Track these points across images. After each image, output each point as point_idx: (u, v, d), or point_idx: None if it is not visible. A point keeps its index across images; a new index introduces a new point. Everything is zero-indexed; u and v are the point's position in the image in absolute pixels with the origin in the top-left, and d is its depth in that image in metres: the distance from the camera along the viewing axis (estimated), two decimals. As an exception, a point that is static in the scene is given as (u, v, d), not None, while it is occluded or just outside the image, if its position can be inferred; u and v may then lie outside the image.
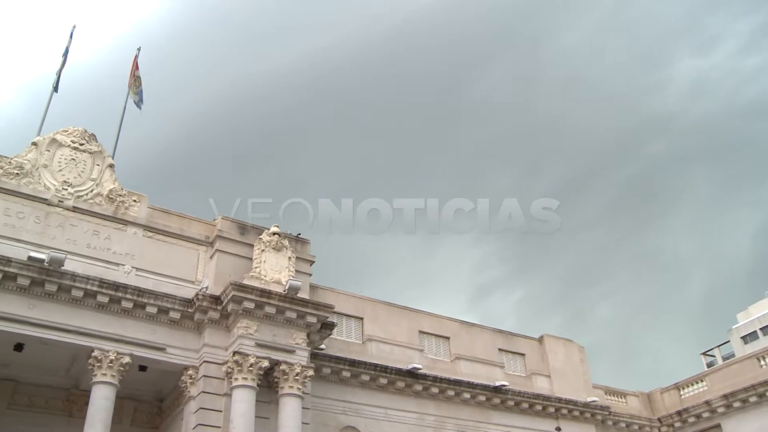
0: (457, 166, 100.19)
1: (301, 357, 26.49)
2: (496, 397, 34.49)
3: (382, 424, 31.01)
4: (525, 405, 35.37)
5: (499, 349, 37.42)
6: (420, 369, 32.38)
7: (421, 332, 35.04)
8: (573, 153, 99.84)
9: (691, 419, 40.38)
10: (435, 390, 32.79)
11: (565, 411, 36.71)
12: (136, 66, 33.15)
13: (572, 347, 40.16)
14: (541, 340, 39.43)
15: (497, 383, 34.54)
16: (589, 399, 37.66)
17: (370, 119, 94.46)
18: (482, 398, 34.18)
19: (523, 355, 38.33)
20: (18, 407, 27.30)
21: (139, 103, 32.84)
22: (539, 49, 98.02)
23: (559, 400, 36.60)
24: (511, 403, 34.96)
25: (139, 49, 33.53)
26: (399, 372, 31.93)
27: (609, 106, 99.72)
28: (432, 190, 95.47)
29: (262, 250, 27.88)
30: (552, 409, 36.36)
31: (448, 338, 35.83)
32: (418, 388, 32.39)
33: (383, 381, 31.49)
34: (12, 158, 26.34)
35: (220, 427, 24.82)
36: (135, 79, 32.89)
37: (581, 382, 38.68)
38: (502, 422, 34.57)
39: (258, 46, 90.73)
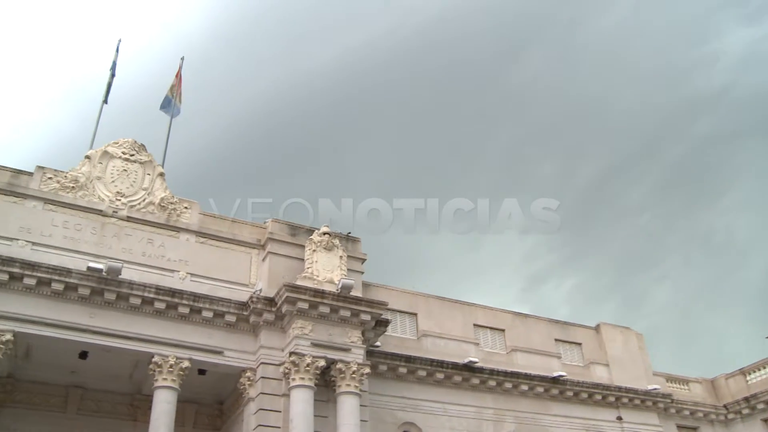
0: (501, 157, 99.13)
1: (357, 355, 26.58)
2: (555, 387, 34.10)
3: (441, 419, 30.93)
4: (584, 395, 34.87)
5: (556, 340, 36.95)
6: (476, 362, 32.18)
7: (475, 325, 34.81)
8: (618, 135, 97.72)
9: (761, 405, 39.14)
10: (492, 383, 32.57)
11: (625, 400, 36.05)
12: (179, 76, 33.67)
13: (630, 335, 39.45)
14: (597, 328, 38.84)
15: (555, 374, 34.13)
16: (650, 387, 36.92)
17: (412, 114, 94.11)
18: (540, 389, 33.83)
19: (579, 344, 37.78)
20: (86, 412, 28.23)
21: (172, 110, 33.09)
22: (578, 31, 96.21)
23: (619, 389, 35.97)
24: (569, 393, 34.52)
25: (182, 59, 34.07)
26: (455, 366, 31.79)
27: (653, 85, 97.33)
28: (478, 182, 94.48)
29: (314, 251, 28.07)
30: (612, 399, 35.76)
31: (503, 330, 35.54)
32: (475, 381, 32.21)
33: (440, 376, 31.38)
34: (67, 172, 27.11)
35: (279, 427, 25.09)
36: (177, 89, 33.37)
37: (641, 370, 37.97)
38: (561, 413, 34.17)
39: (298, 46, 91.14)
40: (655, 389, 36.96)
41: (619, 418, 35.02)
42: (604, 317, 65.72)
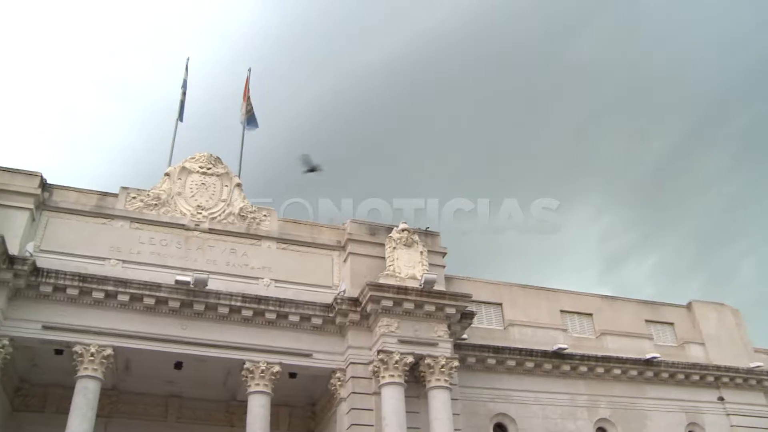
0: (566, 138, 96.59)
1: (445, 349, 26.49)
2: (649, 370, 33.13)
3: (534, 408, 30.54)
4: (681, 376, 33.77)
5: (646, 321, 35.87)
6: (566, 349, 31.62)
7: (562, 311, 34.16)
8: (691, 103, 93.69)
9: None
10: (584, 369, 31.90)
11: (726, 379, 34.61)
12: (247, 87, 34.27)
13: (725, 311, 37.96)
14: (689, 306, 37.52)
15: (648, 356, 33.16)
16: (752, 365, 35.35)
17: (470, 103, 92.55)
18: (634, 372, 32.94)
19: (671, 324, 36.60)
20: (185, 420, 29.18)
21: (246, 122, 33.75)
22: (634, 2, 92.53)
23: (718, 368, 34.62)
24: (665, 375, 33.48)
25: (249, 70, 34.65)
26: (545, 354, 31.30)
27: (724, 48, 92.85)
28: (545, 166, 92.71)
29: (394, 248, 28.13)
30: (711, 378, 34.43)
31: (590, 315, 34.78)
32: (566, 368, 31.63)
33: (530, 365, 30.97)
34: (149, 190, 28.07)
35: (373, 426, 25.22)
36: (247, 100, 34.00)
37: (740, 347, 36.46)
38: (657, 396, 33.17)
39: (350, 44, 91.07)
40: (758, 366, 35.32)
41: (721, 399, 33.79)
42: (692, 294, 63.72)
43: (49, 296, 24.67)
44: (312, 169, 31.78)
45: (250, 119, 33.78)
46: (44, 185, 26.57)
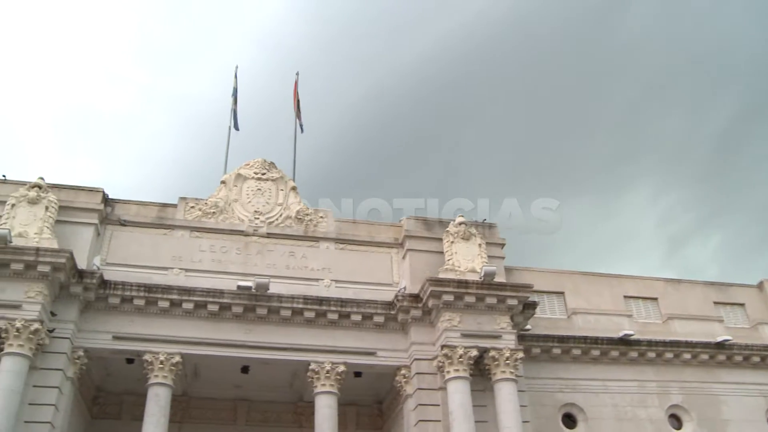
0: (621, 119, 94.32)
1: (509, 341, 26.28)
2: (721, 353, 32.15)
3: (602, 397, 30.02)
4: (756, 358, 32.59)
5: (714, 302, 34.86)
6: (632, 335, 30.97)
7: (626, 297, 33.49)
8: (749, 72, 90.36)
9: None
10: (652, 354, 31.20)
11: (806, 359, 33.32)
12: (296, 91, 34.61)
13: (800, 288, 36.57)
14: (760, 286, 36.25)
15: (719, 339, 32.22)
16: (832, 343, 33.96)
17: (518, 91, 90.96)
18: (705, 357, 32.02)
19: (742, 305, 35.45)
20: (254, 423, 29.68)
21: (295, 126, 34.19)
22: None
23: (797, 348, 33.29)
24: (738, 358, 32.42)
25: (297, 74, 34.94)
26: (610, 341, 30.75)
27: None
28: (599, 149, 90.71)
29: (452, 242, 28.04)
30: (790, 360, 33.11)
31: (655, 299, 33.98)
32: (633, 355, 30.99)
33: (595, 353, 30.47)
34: (207, 199, 28.65)
35: (440, 421, 25.19)
36: (297, 104, 34.36)
37: (817, 326, 35.04)
38: (732, 380, 32.12)
39: (394, 39, 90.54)
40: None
41: (801, 380, 32.51)
42: (761, 273, 61.70)
43: (117, 307, 25.48)
44: None
45: (299, 122, 34.22)
46: (106, 200, 27.35)
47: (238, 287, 25.74)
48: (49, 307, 24.03)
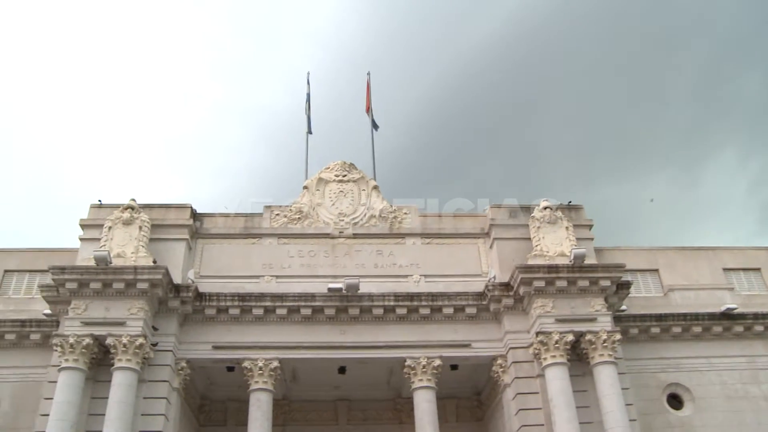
0: (697, 85, 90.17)
1: (604, 323, 25.70)
2: (835, 320, 30.45)
3: (708, 375, 28.92)
4: None
5: (824, 268, 33.04)
6: (735, 308, 29.69)
7: (725, 269, 32.08)
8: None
9: None
10: (759, 328, 29.75)
11: None
12: (369, 90, 34.80)
13: None
14: None
15: (831, 305, 30.56)
16: None
17: (584, 64, 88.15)
18: (818, 326, 30.39)
19: None
20: (355, 422, 30.19)
21: (371, 125, 34.44)
22: None
23: None
24: None
25: (369, 74, 35.07)
26: (712, 317, 29.56)
27: None
28: (676, 121, 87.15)
29: (538, 227, 27.66)
30: None
31: (758, 270, 32.36)
32: (739, 329, 29.68)
33: (697, 329, 29.37)
34: (291, 205, 29.23)
35: (540, 409, 24.91)
36: (369, 103, 34.56)
37: None
38: None
39: (456, 27, 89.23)
40: None
41: None
42: None
43: (214, 318, 26.32)
44: None
45: (374, 121, 34.46)
46: (195, 215, 28.21)
47: (329, 289, 26.15)
48: (151, 322, 25.08)
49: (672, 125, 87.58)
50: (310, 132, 33.88)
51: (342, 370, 27.22)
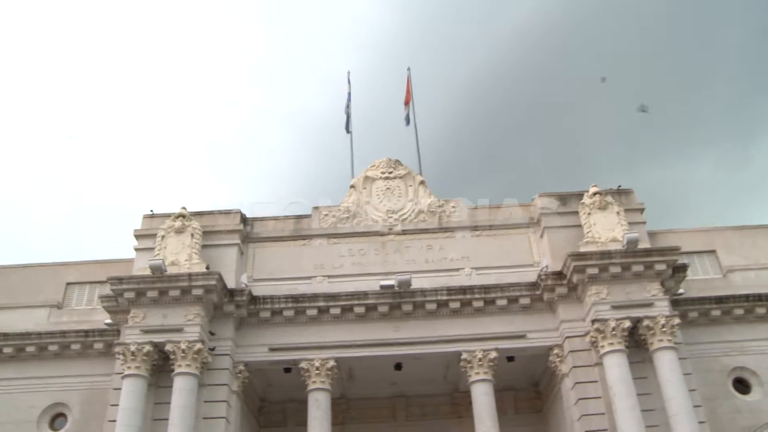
0: (741, 64, 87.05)
1: (662, 308, 25.22)
2: None
3: (777, 358, 28.02)
4: None
5: None
6: (800, 287, 28.75)
7: (789, 247, 31.08)
8: None
9: None
10: (826, 305, 28.82)
11: None
12: (409, 85, 34.76)
13: None
14: None
15: None
16: None
17: (631, 46, 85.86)
18: None
19: None
20: (414, 418, 30.22)
21: (407, 120, 34.42)
22: None
23: None
24: None
25: (409, 69, 35.06)
26: (777, 296, 28.64)
27: None
28: (724, 93, 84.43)
29: (588, 214, 27.25)
30: None
31: (826, 244, 31.26)
32: (808, 308, 28.66)
33: (761, 311, 28.33)
34: (339, 206, 29.46)
35: (600, 397, 24.59)
36: (408, 98, 34.53)
37: None
38: None
39: (493, 11, 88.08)
40: None
41: None
42: None
43: (269, 320, 26.67)
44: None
45: (408, 116, 34.42)
46: (244, 220, 28.56)
47: (381, 287, 26.24)
48: (208, 327, 25.55)
49: (718, 102, 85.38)
50: (348, 131, 34.04)
51: (398, 366, 27.27)
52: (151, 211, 28.71)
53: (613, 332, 24.57)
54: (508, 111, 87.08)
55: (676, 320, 25.01)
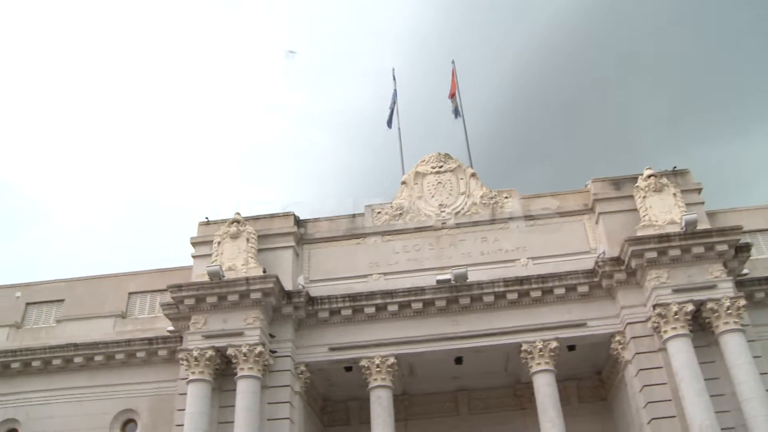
0: None
1: (726, 289, 24.61)
2: None
3: None
4: None
5: None
6: None
7: None
8: None
9: None
10: None
11: None
12: (454, 78, 34.65)
13: None
14: None
15: None
16: None
17: (676, 27, 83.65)
18: None
19: None
20: (477, 411, 30.12)
21: (455, 111, 34.31)
22: None
23: None
24: None
25: (453, 62, 34.90)
26: None
27: None
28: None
29: (644, 197, 26.73)
30: None
31: None
32: None
33: (831, 287, 27.50)
34: (391, 203, 29.50)
35: (666, 384, 24.13)
36: (453, 90, 34.43)
37: None
38: None
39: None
40: None
41: None
42: None
43: (327, 320, 26.91)
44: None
45: (456, 109, 34.33)
46: (298, 222, 28.86)
47: (438, 281, 26.24)
48: (267, 330, 25.93)
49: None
50: (390, 127, 34.18)
51: (459, 360, 27.23)
52: (206, 218, 29.24)
53: (676, 316, 24.08)
54: (551, 98, 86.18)
55: (742, 301, 24.33)
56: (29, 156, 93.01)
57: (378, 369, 25.87)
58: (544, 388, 25.25)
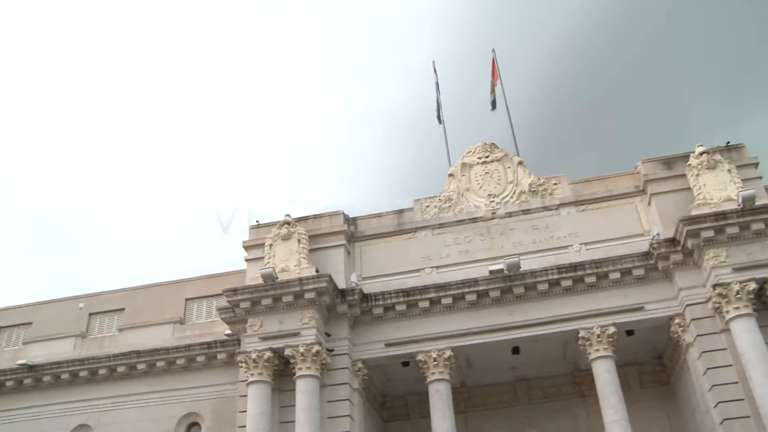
0: None
1: (791, 265, 23.92)
2: None
3: None
4: None
5: None
6: None
7: None
8: None
9: None
10: None
11: None
12: (494, 66, 34.33)
13: None
14: None
15: None
16: None
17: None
18: None
19: None
20: (536, 400, 29.90)
21: (492, 103, 34.03)
22: None
23: None
24: None
25: (493, 51, 34.58)
26: None
27: None
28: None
29: (697, 175, 26.11)
30: None
31: None
32: None
33: None
34: (439, 195, 29.45)
35: (731, 365, 23.49)
36: (494, 81, 34.11)
37: None
38: None
39: None
40: None
41: None
42: None
43: (382, 317, 27.01)
44: None
45: (495, 100, 34.06)
46: (347, 220, 29.02)
47: (491, 272, 26.09)
48: (323, 329, 26.13)
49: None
50: (440, 121, 33.98)
51: (516, 350, 27.04)
52: (257, 221, 29.60)
53: (738, 296, 23.44)
54: (593, 80, 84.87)
55: (809, 276, 23.64)
56: (86, 172, 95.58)
57: (435, 362, 25.88)
58: (604, 375, 24.94)
